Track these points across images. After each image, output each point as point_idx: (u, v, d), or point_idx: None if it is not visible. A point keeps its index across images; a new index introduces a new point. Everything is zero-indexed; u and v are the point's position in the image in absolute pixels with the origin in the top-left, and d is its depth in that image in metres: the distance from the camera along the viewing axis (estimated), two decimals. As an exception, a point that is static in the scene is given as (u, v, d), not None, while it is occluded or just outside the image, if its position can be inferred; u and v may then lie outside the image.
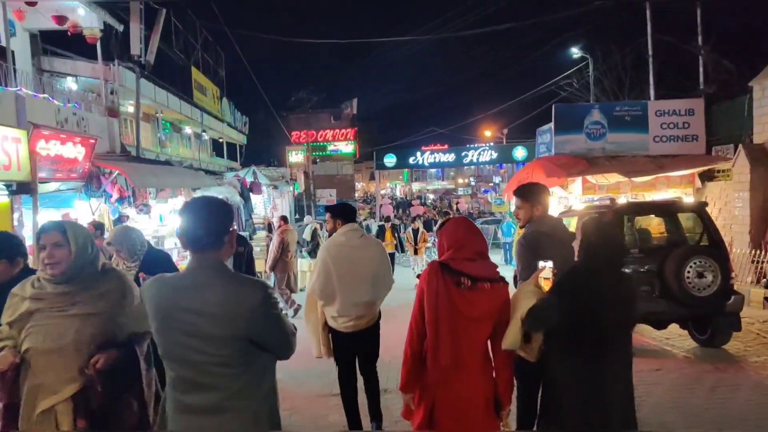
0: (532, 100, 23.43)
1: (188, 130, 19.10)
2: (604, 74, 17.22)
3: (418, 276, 2.60)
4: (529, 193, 3.27)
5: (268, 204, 15.58)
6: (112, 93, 11.57)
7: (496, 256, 14.89)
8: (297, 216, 19.46)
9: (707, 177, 10.74)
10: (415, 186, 54.78)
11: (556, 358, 2.38)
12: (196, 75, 18.57)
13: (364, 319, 3.59)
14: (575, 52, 18.55)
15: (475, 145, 25.01)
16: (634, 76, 16.16)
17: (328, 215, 3.83)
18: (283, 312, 7.92)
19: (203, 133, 19.59)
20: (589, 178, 10.75)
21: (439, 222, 7.48)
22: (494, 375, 2.40)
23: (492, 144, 27.62)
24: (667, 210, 6.48)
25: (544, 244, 2.99)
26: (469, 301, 2.28)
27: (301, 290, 9.57)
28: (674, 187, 10.75)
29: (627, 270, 5.57)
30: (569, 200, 11.30)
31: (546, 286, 2.41)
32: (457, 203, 35.58)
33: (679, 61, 14.10)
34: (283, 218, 9.70)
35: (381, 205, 25.54)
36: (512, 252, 14.21)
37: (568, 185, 11.14)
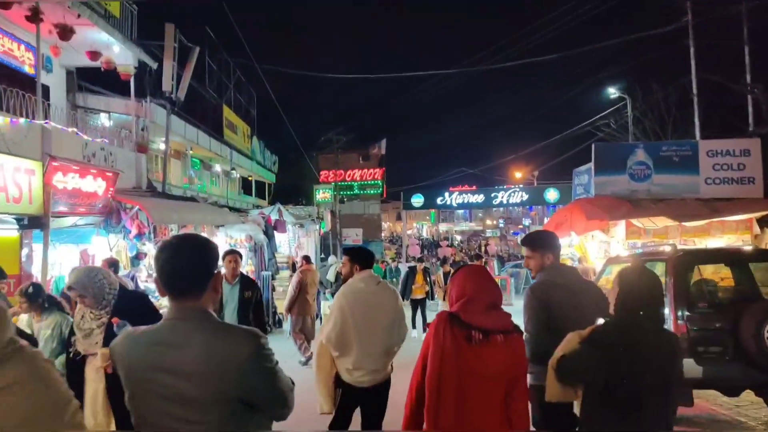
0: (564, 142, 22.91)
1: (218, 167, 19.23)
2: (645, 114, 16.56)
3: (428, 325, 2.39)
4: (539, 242, 3.18)
5: (293, 242, 15.23)
6: (142, 129, 11.62)
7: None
8: (322, 255, 19.05)
9: (766, 223, 9.84)
10: (442, 227, 54.22)
11: (591, 414, 2.29)
12: (228, 113, 18.84)
13: (380, 374, 3.40)
14: (612, 92, 17.95)
15: (505, 186, 24.44)
16: (677, 116, 15.45)
17: (345, 258, 3.63)
18: (302, 360, 7.11)
19: (232, 171, 19.68)
20: (633, 221, 10.02)
21: (452, 271, 6.93)
22: None
23: (522, 185, 27.01)
24: (738, 259, 5.76)
25: (553, 296, 2.87)
26: (481, 357, 2.16)
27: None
28: (729, 233, 9.88)
29: (703, 328, 4.91)
30: (611, 245, 10.56)
31: None
32: (486, 245, 34.66)
33: (728, 100, 13.42)
34: (306, 258, 9.23)
35: (408, 246, 24.93)
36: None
37: (610, 229, 10.40)
